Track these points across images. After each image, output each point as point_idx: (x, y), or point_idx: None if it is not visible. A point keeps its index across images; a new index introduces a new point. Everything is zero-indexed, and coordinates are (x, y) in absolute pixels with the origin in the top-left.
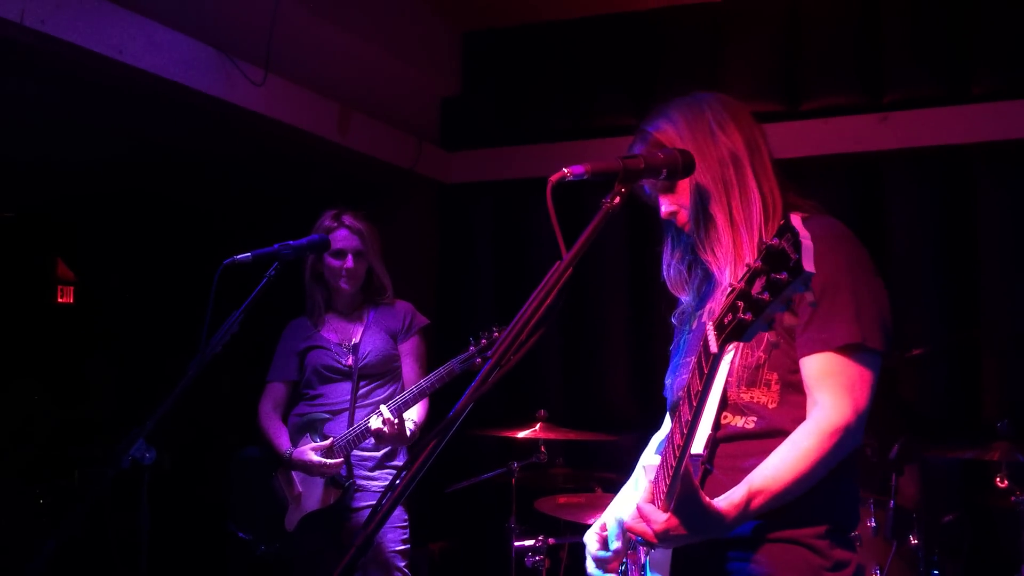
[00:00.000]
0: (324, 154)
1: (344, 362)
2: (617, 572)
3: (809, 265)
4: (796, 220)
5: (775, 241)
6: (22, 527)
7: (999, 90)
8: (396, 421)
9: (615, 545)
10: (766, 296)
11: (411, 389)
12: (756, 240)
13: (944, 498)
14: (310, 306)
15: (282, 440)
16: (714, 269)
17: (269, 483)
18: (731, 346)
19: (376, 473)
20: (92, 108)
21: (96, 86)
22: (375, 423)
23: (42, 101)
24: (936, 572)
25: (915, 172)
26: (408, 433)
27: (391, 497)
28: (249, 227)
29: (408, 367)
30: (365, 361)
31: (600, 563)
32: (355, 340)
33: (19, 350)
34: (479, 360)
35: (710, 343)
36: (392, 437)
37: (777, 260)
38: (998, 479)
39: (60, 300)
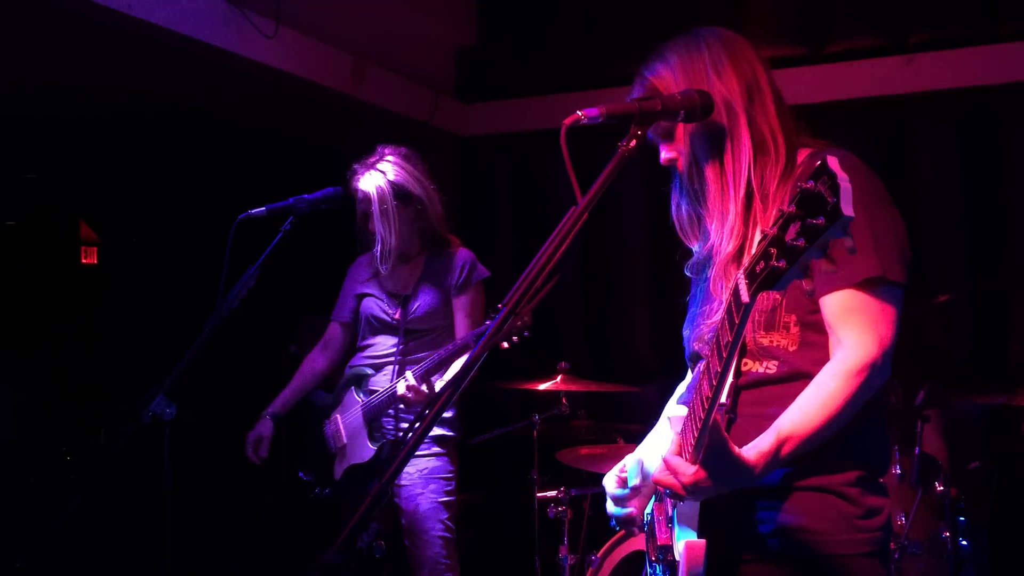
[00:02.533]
0: (338, 107)
1: (393, 315)
2: (635, 509)
3: (848, 209)
4: (833, 162)
5: (810, 184)
6: (51, 484)
7: None
8: (422, 388)
9: (634, 482)
10: (801, 242)
11: (432, 356)
12: (742, 193)
13: (970, 445)
14: (363, 249)
15: (280, 395)
16: (706, 220)
17: (322, 431)
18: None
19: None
20: (103, 64)
21: (106, 41)
22: (400, 388)
23: (52, 58)
24: (962, 519)
25: (942, 115)
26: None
27: (406, 447)
28: (264, 182)
29: (460, 323)
30: (413, 315)
31: (618, 501)
32: (407, 292)
33: (43, 310)
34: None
35: (741, 292)
36: (418, 403)
37: (813, 204)
38: None
39: (84, 261)
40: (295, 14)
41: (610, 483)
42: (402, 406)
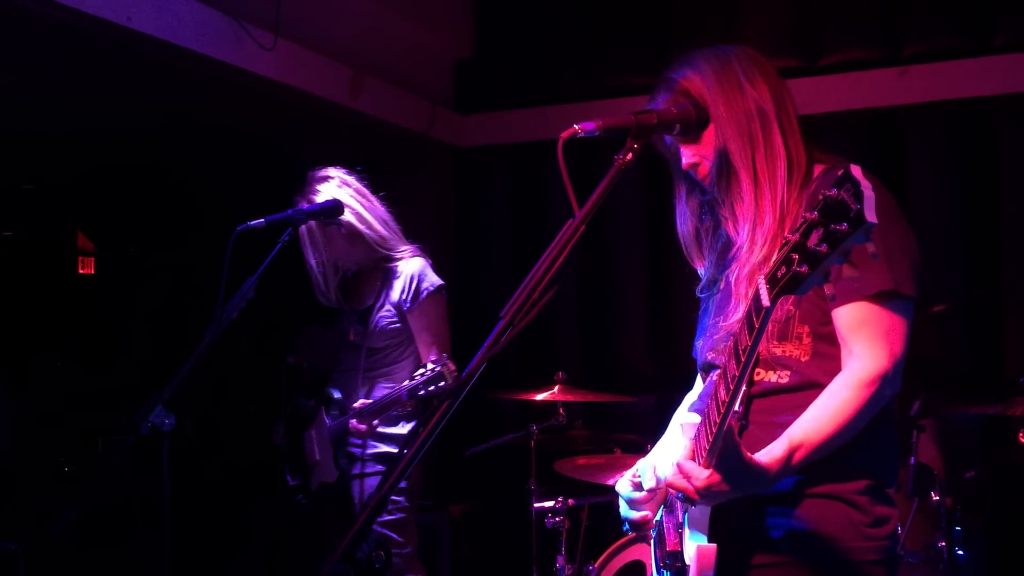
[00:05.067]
0: (336, 119)
1: (350, 333)
2: (650, 512)
3: (871, 215)
4: (856, 171)
5: (833, 191)
6: (48, 494)
7: (1021, 41)
8: (362, 427)
9: (648, 485)
10: (824, 248)
11: (377, 399)
12: (779, 198)
13: (966, 454)
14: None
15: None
16: (729, 227)
17: (302, 440)
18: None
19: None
20: (102, 76)
21: (105, 53)
22: (353, 422)
23: (51, 70)
24: (958, 528)
25: (936, 126)
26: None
27: (405, 459)
28: (262, 193)
29: (420, 342)
30: (370, 334)
31: (633, 504)
32: (364, 307)
33: (41, 320)
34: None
35: (762, 297)
36: (368, 436)
37: (836, 211)
38: (1021, 435)
39: (82, 271)
40: (293, 26)
41: (624, 487)
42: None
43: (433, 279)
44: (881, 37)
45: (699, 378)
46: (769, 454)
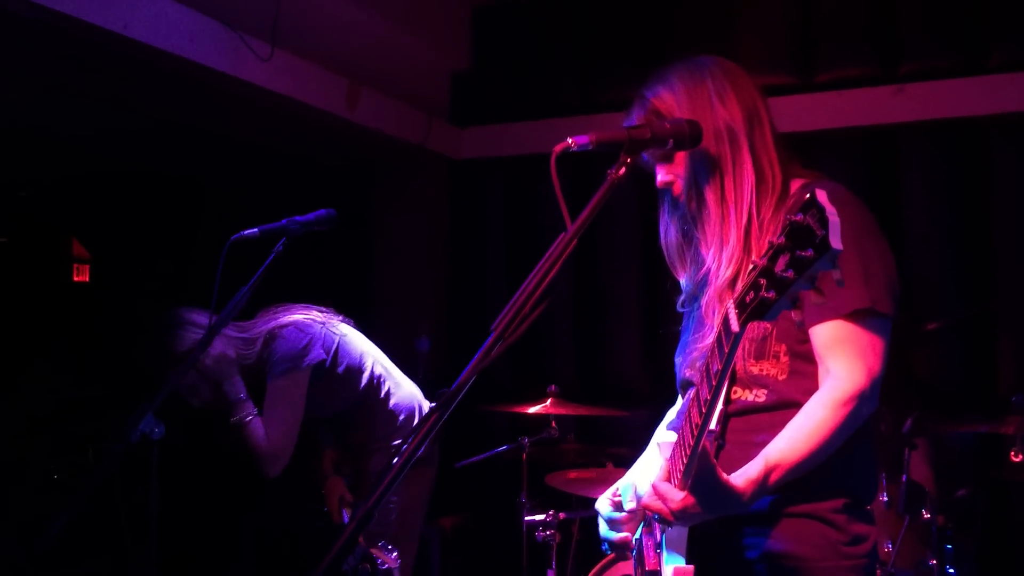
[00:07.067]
0: (332, 130)
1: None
2: (630, 532)
3: (836, 242)
4: (822, 195)
5: (799, 216)
6: (38, 504)
7: (1017, 60)
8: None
9: (629, 506)
10: (790, 274)
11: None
12: (744, 220)
13: (958, 472)
14: None
15: None
16: (702, 247)
17: None
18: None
19: None
20: (98, 84)
21: (101, 61)
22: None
23: (47, 77)
24: (949, 547)
25: (931, 144)
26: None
27: (393, 471)
28: (257, 202)
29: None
30: (320, 410)
31: (613, 524)
32: None
33: (34, 328)
34: None
35: (731, 322)
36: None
37: (802, 236)
38: (1012, 453)
39: (76, 278)
40: (290, 36)
41: (603, 506)
42: None
43: (292, 360)
44: (877, 55)
45: (680, 395)
46: (745, 475)
